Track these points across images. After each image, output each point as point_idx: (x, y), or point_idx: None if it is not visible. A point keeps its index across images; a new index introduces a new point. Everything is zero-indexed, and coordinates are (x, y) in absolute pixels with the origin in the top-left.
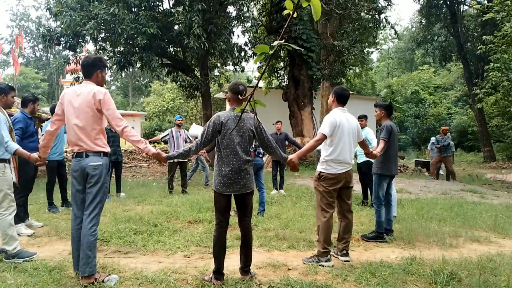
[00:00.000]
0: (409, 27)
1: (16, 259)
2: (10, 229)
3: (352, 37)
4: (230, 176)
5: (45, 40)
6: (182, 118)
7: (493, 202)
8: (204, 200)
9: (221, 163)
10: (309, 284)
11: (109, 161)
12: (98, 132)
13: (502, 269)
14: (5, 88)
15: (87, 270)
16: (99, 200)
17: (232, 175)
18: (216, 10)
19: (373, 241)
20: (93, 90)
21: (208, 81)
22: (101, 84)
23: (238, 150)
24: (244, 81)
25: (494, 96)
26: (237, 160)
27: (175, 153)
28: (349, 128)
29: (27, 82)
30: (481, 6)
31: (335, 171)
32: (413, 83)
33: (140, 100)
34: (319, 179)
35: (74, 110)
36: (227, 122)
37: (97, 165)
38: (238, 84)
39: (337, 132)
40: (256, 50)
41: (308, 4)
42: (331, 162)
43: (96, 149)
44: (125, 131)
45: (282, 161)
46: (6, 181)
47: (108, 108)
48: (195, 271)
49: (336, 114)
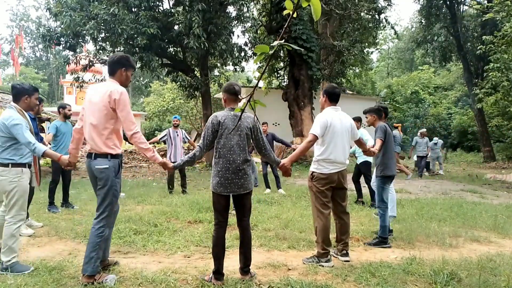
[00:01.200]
0: (409, 27)
1: (8, 272)
2: (11, 240)
3: (352, 37)
4: (228, 176)
5: (45, 40)
6: (179, 118)
7: (493, 202)
8: (204, 200)
9: (218, 163)
10: (309, 284)
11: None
12: (111, 132)
13: (502, 269)
14: (28, 89)
15: (88, 269)
16: (108, 203)
17: (229, 175)
18: (216, 10)
19: (378, 247)
20: (110, 89)
21: (208, 81)
22: (125, 83)
23: (236, 149)
24: (244, 81)
25: (494, 96)
26: (234, 160)
27: (180, 162)
28: (342, 128)
29: (27, 82)
30: (481, 6)
31: (327, 171)
32: (413, 83)
33: (140, 100)
34: (312, 179)
35: (91, 108)
36: (224, 121)
37: (103, 168)
38: (233, 84)
39: (329, 131)
40: (256, 50)
41: (308, 4)
42: (322, 162)
43: (104, 150)
44: (135, 137)
45: (274, 165)
46: (21, 187)
47: (122, 109)
48: (195, 271)
49: (327, 113)
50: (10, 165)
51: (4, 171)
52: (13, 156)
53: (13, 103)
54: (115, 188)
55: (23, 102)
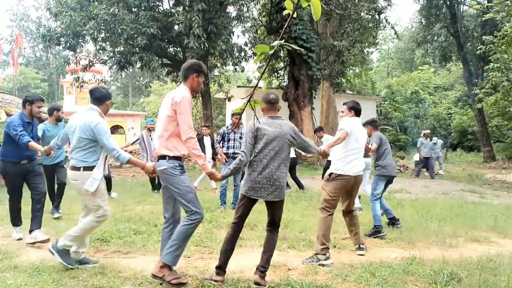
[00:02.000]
0: (409, 27)
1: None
2: (81, 232)
3: (352, 37)
4: (259, 180)
5: (45, 40)
6: (154, 122)
7: (493, 202)
8: (204, 200)
9: (252, 167)
10: (309, 284)
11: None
12: (171, 135)
13: (502, 269)
14: (109, 94)
15: (167, 258)
16: (184, 200)
17: (261, 179)
18: (216, 10)
19: (374, 237)
20: (175, 93)
21: (208, 81)
22: (196, 89)
23: (273, 155)
24: (244, 81)
25: (494, 96)
26: (268, 166)
27: (228, 170)
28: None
29: (27, 82)
30: (481, 6)
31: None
32: (413, 83)
33: (140, 100)
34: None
35: (160, 111)
36: (262, 127)
37: (163, 169)
38: (270, 94)
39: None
40: (256, 50)
41: (308, 4)
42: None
43: (163, 152)
44: (189, 142)
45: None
46: (102, 189)
47: (181, 112)
48: (195, 271)
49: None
50: (82, 169)
51: (76, 175)
52: (87, 159)
53: (94, 106)
54: (183, 183)
55: (105, 105)
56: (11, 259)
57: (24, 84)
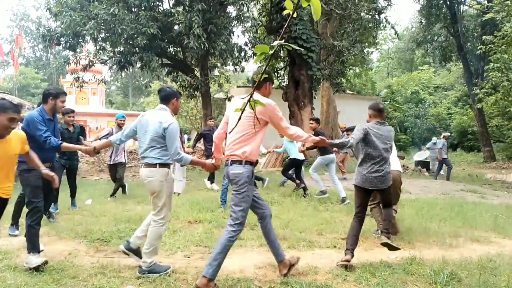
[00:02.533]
0: (409, 27)
1: (151, 274)
2: (158, 241)
3: (352, 37)
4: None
5: (45, 40)
6: (125, 117)
7: (493, 202)
8: (204, 200)
9: (364, 163)
10: (309, 284)
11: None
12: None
13: (502, 269)
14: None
15: (209, 272)
16: (240, 209)
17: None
18: (216, 10)
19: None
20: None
21: (208, 81)
22: (267, 96)
23: (382, 153)
24: (244, 81)
25: (494, 96)
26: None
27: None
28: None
29: (27, 82)
30: (481, 6)
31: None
32: (413, 83)
33: (140, 100)
34: None
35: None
36: (371, 130)
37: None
38: (378, 103)
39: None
40: (256, 50)
41: (308, 4)
42: None
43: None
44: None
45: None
46: (169, 188)
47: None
48: (195, 271)
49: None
50: (158, 166)
51: (152, 171)
52: (162, 156)
53: (164, 105)
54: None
55: (172, 104)
56: (11, 259)
57: (24, 84)
